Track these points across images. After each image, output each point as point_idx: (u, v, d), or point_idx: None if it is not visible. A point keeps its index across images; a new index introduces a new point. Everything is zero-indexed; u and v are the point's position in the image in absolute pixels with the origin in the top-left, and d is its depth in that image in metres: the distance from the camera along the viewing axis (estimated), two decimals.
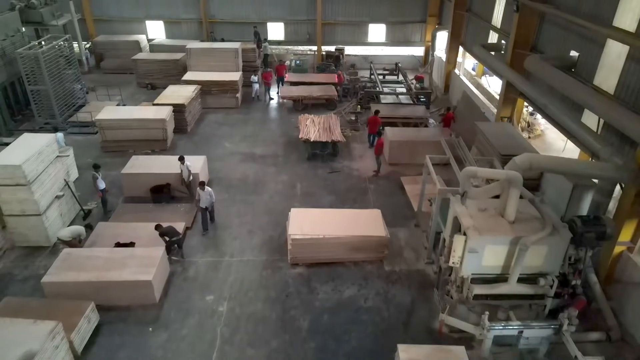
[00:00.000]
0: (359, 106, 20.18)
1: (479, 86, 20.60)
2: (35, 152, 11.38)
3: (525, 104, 16.02)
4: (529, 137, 16.50)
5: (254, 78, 21.77)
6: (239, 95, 20.86)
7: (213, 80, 20.33)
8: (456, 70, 22.28)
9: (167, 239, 11.25)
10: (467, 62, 22.81)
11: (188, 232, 12.69)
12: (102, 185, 12.97)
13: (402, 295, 10.77)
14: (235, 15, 26.05)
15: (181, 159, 13.66)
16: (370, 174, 15.80)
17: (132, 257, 10.61)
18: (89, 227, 12.01)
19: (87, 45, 25.63)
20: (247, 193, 14.63)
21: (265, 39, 25.40)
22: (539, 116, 17.06)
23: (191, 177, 13.72)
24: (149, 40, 25.83)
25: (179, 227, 12.06)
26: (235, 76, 20.80)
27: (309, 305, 10.44)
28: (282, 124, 19.78)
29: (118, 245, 11.32)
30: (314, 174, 15.79)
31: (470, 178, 9.26)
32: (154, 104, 17.82)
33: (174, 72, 22.22)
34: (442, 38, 24.23)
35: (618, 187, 10.23)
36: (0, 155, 11.26)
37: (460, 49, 21.95)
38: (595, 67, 11.71)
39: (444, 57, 23.17)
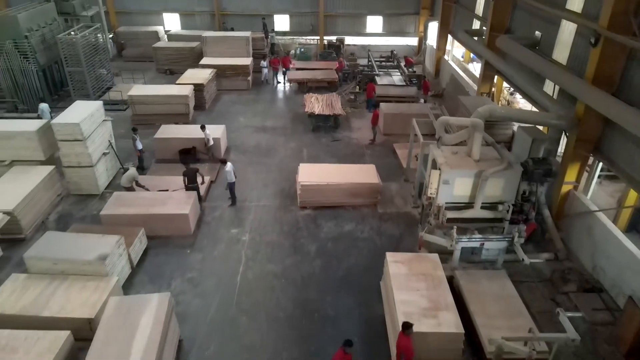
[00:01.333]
0: (357, 87, 22.57)
1: (466, 70, 22.96)
2: (89, 114, 13.75)
3: (505, 84, 18.37)
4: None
5: (264, 63, 24.17)
6: (249, 78, 23.26)
7: (227, 65, 22.73)
8: (445, 57, 24.63)
9: (186, 181, 13.47)
10: (456, 51, 25.19)
11: (212, 185, 15.07)
12: (139, 145, 15.37)
13: (391, 230, 13.13)
14: (245, 8, 28.45)
15: (202, 127, 16.03)
16: (367, 142, 18.17)
17: (170, 197, 12.98)
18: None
19: (110, 36, 28.00)
20: (260, 156, 17.00)
21: (273, 30, 27.79)
22: (518, 96, 19.38)
23: (211, 142, 16.06)
24: (166, 31, 28.22)
25: (205, 179, 14.42)
26: (247, 61, 23.20)
27: (316, 236, 12.81)
28: (289, 103, 22.18)
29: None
30: (318, 142, 18.15)
31: (444, 125, 11.64)
32: (176, 84, 20.20)
33: (190, 59, 24.56)
34: (434, 28, 26.57)
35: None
36: (59, 116, 13.62)
37: (449, 37, 24.29)
38: (553, 44, 14.05)
39: (435, 45, 25.52)
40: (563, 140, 13.01)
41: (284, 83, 24.38)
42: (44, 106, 17.61)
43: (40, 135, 13.66)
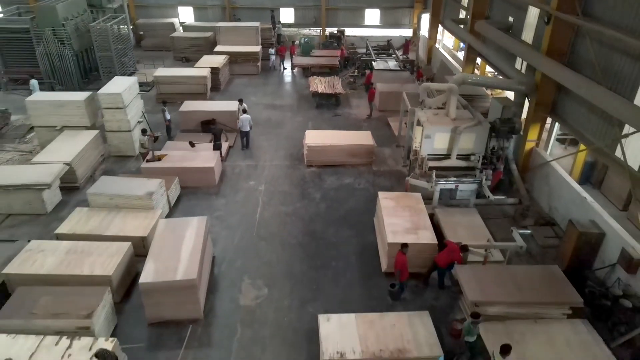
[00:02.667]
0: (356, 71, 25.03)
1: (454, 57, 25.36)
2: (127, 86, 16.22)
3: (489, 68, 20.75)
4: (491, 94, 21.22)
5: (272, 51, 26.62)
6: (259, 64, 25.73)
7: (238, 52, 25.20)
8: (437, 45, 27.05)
9: (213, 138, 15.95)
10: (446, 40, 27.61)
11: (230, 149, 17.52)
12: (168, 116, 17.84)
13: (384, 183, 15.56)
14: (254, 2, 30.94)
15: (240, 101, 18.59)
16: (364, 117, 20.61)
17: (197, 155, 15.44)
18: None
19: (130, 27, 30.40)
20: (271, 128, 19.45)
21: (279, 21, 30.27)
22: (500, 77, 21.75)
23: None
24: (181, 23, 30.69)
25: (224, 146, 16.88)
26: (256, 49, 25.69)
27: (320, 186, 15.26)
28: (295, 85, 24.65)
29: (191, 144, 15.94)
30: (321, 117, 20.59)
31: (426, 90, 14.09)
32: (195, 67, 22.66)
33: (204, 47, 26.98)
34: (426, 20, 28.96)
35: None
36: (104, 87, 16.10)
37: (440, 28, 26.71)
38: (522, 27, 16.48)
39: (427, 35, 27.92)
40: (526, 107, 15.39)
41: (290, 69, 26.82)
42: (34, 82, 20.34)
43: (87, 104, 16.13)
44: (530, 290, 9.85)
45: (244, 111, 17.69)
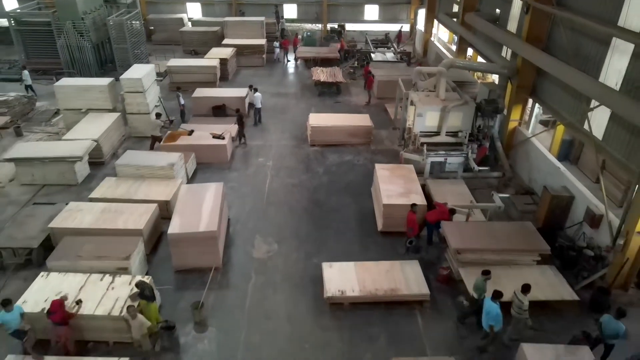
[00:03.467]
0: (356, 62, 26.57)
1: (449, 49, 26.86)
2: (146, 72, 17.74)
3: (480, 58, 22.21)
4: (480, 80, 22.71)
5: (276, 44, 28.16)
6: (264, 56, 27.27)
7: (245, 44, 26.72)
8: (432, 39, 28.55)
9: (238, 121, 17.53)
10: (441, 34, 29.10)
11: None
12: (182, 101, 19.38)
13: (381, 160, 17.04)
14: None
15: (250, 87, 20.12)
16: (363, 103, 22.13)
17: (211, 134, 16.96)
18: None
19: (142, 22, 31.96)
20: (277, 113, 20.97)
21: (282, 17, 31.80)
22: None
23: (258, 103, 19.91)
24: (189, 19, 32.22)
25: (234, 128, 18.37)
26: (262, 42, 27.22)
27: (322, 162, 16.79)
28: (298, 76, 26.19)
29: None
30: (323, 104, 22.10)
31: (419, 74, 15.60)
32: (205, 58, 24.19)
33: (212, 41, 28.47)
34: (422, 15, 30.46)
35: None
36: (125, 73, 17.63)
37: (435, 22, 28.21)
38: (507, 18, 17.98)
39: (423, 29, 29.43)
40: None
41: (293, 61, 28.33)
42: (26, 72, 21.62)
43: (109, 89, 17.65)
44: (505, 240, 11.36)
45: (256, 90, 19.33)
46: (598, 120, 12.33)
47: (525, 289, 9.24)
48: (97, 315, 9.11)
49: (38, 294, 9.48)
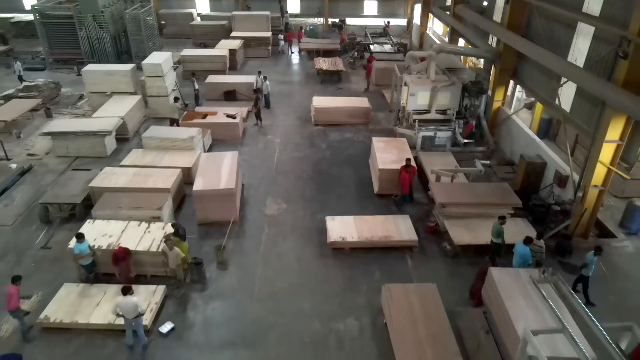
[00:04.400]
0: (355, 53, 28.37)
1: (442, 41, 28.64)
2: (165, 59, 19.53)
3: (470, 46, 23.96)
4: (468, 67, 24.48)
5: (280, 36, 29.98)
6: (269, 48, 29.07)
7: (252, 37, 28.53)
8: (427, 32, 30.32)
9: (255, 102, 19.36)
10: (436, 27, 30.88)
11: (249, 113, 20.81)
12: (196, 86, 21.17)
13: (378, 136, 18.81)
14: None
15: (259, 73, 21.91)
16: (362, 90, 23.91)
17: (224, 114, 18.75)
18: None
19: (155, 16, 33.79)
20: (283, 98, 22.76)
21: (286, 11, 33.59)
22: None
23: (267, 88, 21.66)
24: (198, 14, 34.03)
25: (244, 110, 20.16)
26: (267, 34, 29.04)
27: (325, 139, 18.58)
28: (302, 66, 28.00)
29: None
30: (325, 90, 23.86)
31: (412, 58, 17.39)
32: (215, 49, 25.99)
33: (220, 34, 30.26)
34: (419, 9, 32.22)
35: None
36: (146, 59, 19.43)
37: (430, 16, 29.96)
38: (493, 9, 19.75)
39: (419, 23, 31.20)
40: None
41: (297, 53, 30.16)
42: (19, 64, 23.40)
43: (132, 74, 19.45)
44: (484, 196, 13.14)
45: (265, 78, 21.14)
46: (566, 95, 14.09)
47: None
48: (139, 251, 10.90)
49: (87, 236, 11.25)
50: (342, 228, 12.66)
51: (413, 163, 14.39)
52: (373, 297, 10.86)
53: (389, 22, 33.69)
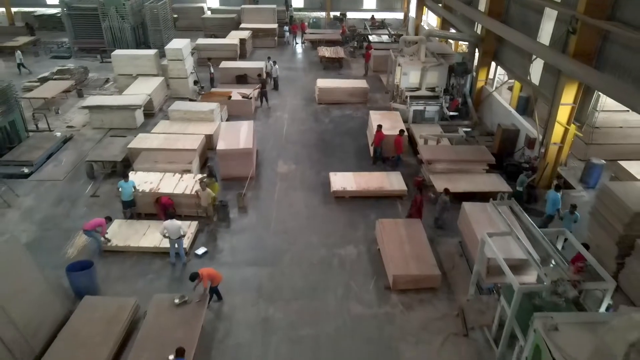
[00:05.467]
0: (355, 43, 30.73)
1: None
2: (184, 45, 21.86)
3: None
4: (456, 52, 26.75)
5: (286, 28, 32.32)
6: (276, 38, 31.42)
7: (259, 28, 30.88)
8: (422, 24, 32.63)
9: (261, 87, 21.65)
10: (430, 20, 33.16)
11: (259, 93, 23.13)
12: (212, 70, 23.51)
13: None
14: None
15: (269, 59, 24.22)
16: (361, 75, 26.23)
17: (238, 93, 21.09)
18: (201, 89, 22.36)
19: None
20: (290, 82, 25.10)
21: (291, 5, 35.96)
22: None
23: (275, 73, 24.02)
24: (208, 8, 36.37)
25: (255, 91, 22.48)
26: (274, 26, 31.39)
27: (328, 115, 20.92)
28: (306, 55, 30.35)
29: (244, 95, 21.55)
30: (327, 76, 26.09)
31: (404, 42, 19.72)
32: (226, 38, 28.33)
33: (230, 26, 32.55)
34: (414, 4, 34.55)
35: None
36: (168, 45, 21.77)
37: (425, 9, 32.25)
38: (478, 0, 22.06)
39: (414, 16, 33.52)
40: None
41: (301, 43, 32.52)
42: (19, 52, 25.62)
43: (155, 58, 21.79)
44: (463, 155, 15.47)
45: (275, 62, 23.47)
46: (536, 71, 16.39)
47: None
48: (175, 194, 13.24)
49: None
50: (343, 181, 14.98)
51: (405, 134, 16.70)
52: (368, 232, 13.18)
53: (373, 16, 35.99)
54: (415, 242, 11.93)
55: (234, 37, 28.67)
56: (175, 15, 35.67)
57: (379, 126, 16.31)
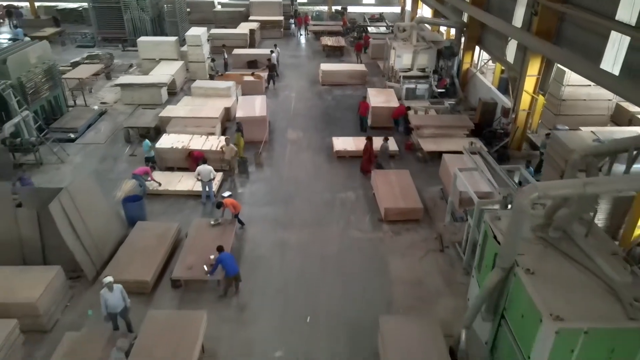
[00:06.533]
0: (355, 33, 33.33)
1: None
2: (202, 32, 24.45)
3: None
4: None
5: (292, 21, 34.93)
6: (282, 29, 34.03)
7: (267, 20, 33.49)
8: (417, 16, 35.16)
9: (269, 69, 24.24)
10: (425, 13, 35.71)
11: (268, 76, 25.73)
12: (226, 56, 26.10)
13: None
14: None
15: (275, 46, 26.81)
16: (363, 65, 28.82)
17: (249, 76, 23.68)
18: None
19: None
20: (295, 67, 27.70)
21: (296, 0, 38.59)
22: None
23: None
24: (218, 2, 38.98)
25: (266, 73, 25.04)
26: (280, 18, 34.01)
27: (330, 94, 23.51)
28: (310, 45, 32.97)
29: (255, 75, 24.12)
30: (329, 62, 28.76)
31: (398, 28, 22.29)
32: (237, 28, 30.95)
33: (239, 19, 35.17)
34: None
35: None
36: (188, 32, 24.36)
37: (420, 3, 34.80)
38: None
39: (410, 9, 36.07)
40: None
41: (305, 35, 35.14)
42: (20, 31, 28.52)
43: (176, 44, 24.39)
44: (447, 121, 18.04)
45: (275, 46, 26.15)
46: (510, 51, 18.93)
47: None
48: (204, 150, 15.81)
49: (164, 142, 16.12)
50: (344, 143, 17.55)
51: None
52: (365, 182, 15.75)
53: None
54: (403, 186, 14.48)
55: (244, 28, 31.27)
56: (188, 9, 38.29)
57: (363, 97, 18.96)
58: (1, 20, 37.62)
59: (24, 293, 9.73)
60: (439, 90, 21.46)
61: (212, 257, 11.08)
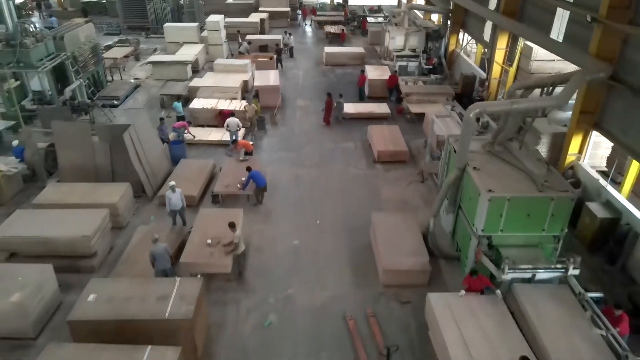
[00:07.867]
0: (355, 22, 36.72)
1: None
2: (220, 18, 27.78)
3: None
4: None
5: (298, 12, 38.33)
6: (289, 20, 37.40)
7: (275, 10, 36.86)
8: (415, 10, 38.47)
9: (276, 53, 27.57)
10: (419, 1, 39.01)
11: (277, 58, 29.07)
12: (241, 40, 29.45)
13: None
14: None
15: (286, 32, 30.16)
16: (361, 47, 32.15)
17: (265, 55, 27.02)
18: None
19: None
20: (302, 52, 31.05)
21: None
22: None
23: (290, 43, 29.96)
24: None
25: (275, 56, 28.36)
26: (287, 9, 37.40)
27: (333, 73, 26.86)
28: (314, 33, 36.38)
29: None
30: (332, 46, 32.14)
31: (392, 14, 25.62)
32: (249, 18, 34.33)
33: (249, 10, 38.47)
34: None
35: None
36: (207, 18, 27.70)
37: None
38: None
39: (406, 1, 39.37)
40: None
41: (309, 24, 38.52)
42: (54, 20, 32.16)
43: (197, 29, 27.76)
44: (432, 90, 21.35)
45: (290, 34, 29.43)
46: (487, 31, 22.23)
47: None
48: (238, 110, 19.11)
49: (196, 104, 19.46)
50: (346, 108, 20.87)
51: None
52: (362, 136, 19.06)
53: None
54: (393, 136, 17.80)
55: (255, 17, 34.63)
56: (202, 1, 41.66)
57: (362, 71, 22.26)
58: (30, 12, 41.01)
59: (107, 198, 13.06)
60: (427, 67, 24.76)
61: (243, 179, 14.40)
